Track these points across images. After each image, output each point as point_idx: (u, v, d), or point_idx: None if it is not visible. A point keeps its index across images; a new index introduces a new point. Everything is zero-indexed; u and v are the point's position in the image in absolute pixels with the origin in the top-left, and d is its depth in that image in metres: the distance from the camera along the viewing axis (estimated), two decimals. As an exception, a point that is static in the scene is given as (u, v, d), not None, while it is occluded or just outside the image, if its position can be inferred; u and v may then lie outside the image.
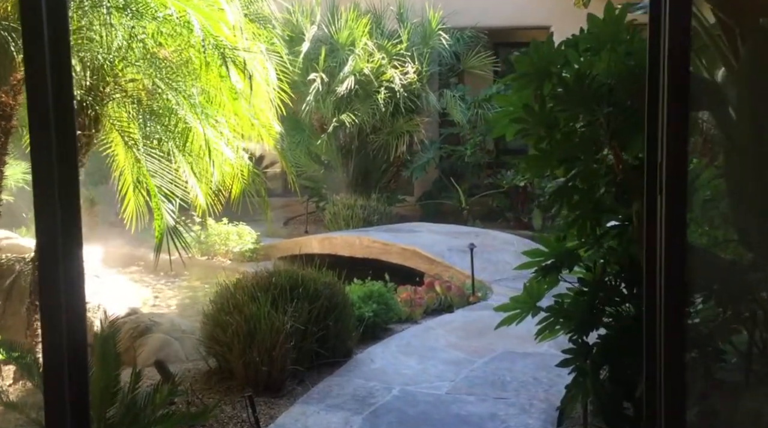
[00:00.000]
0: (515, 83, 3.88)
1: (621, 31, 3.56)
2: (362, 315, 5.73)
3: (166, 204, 4.71)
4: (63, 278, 2.35)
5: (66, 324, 2.38)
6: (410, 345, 5.56)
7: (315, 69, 10.88)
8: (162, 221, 4.77)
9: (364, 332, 5.64)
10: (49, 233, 2.28)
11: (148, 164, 4.62)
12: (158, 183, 4.68)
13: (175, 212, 4.90)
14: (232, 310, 4.85)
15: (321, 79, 10.78)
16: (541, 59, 3.71)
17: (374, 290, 6.03)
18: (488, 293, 7.01)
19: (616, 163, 3.74)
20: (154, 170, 4.69)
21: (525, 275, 7.64)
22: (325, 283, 5.23)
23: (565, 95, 3.63)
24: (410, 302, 6.41)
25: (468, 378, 4.84)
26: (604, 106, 3.70)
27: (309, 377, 4.85)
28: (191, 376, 5.00)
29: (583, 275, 3.94)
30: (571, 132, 3.89)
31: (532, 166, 3.99)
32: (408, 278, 8.00)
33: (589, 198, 3.86)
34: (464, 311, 6.43)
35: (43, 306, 2.42)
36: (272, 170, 12.90)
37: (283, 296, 4.94)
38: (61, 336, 2.36)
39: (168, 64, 4.55)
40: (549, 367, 5.03)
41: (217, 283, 5.29)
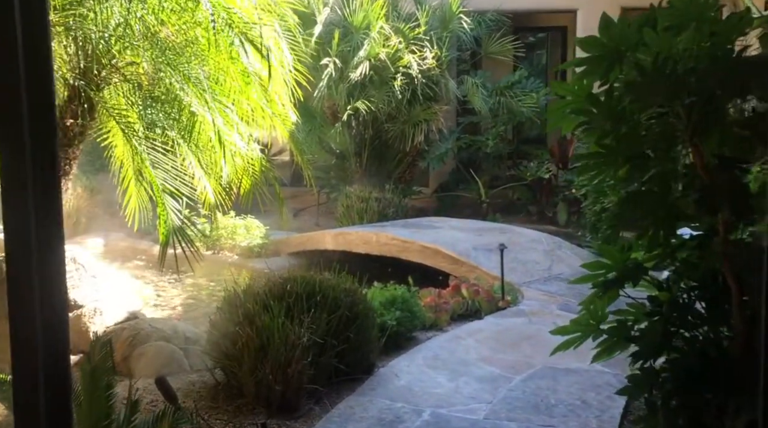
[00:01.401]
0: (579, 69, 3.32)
1: (710, 7, 3.00)
2: (384, 324, 5.21)
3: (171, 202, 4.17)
4: (37, 284, 1.79)
5: (42, 345, 1.83)
6: (438, 357, 5.02)
7: (328, 54, 10.30)
8: (167, 221, 4.25)
9: (387, 341, 5.11)
10: (20, 225, 1.72)
11: (149, 158, 4.08)
12: (162, 178, 4.15)
13: (182, 211, 4.38)
14: (241, 320, 4.33)
15: (334, 65, 10.20)
16: (612, 40, 3.14)
17: (397, 295, 5.50)
18: (518, 297, 6.47)
19: (698, 162, 3.17)
20: (157, 163, 4.15)
21: (557, 276, 7.12)
22: (345, 290, 4.70)
23: (642, 82, 3.07)
24: (435, 307, 5.88)
25: (507, 400, 4.31)
26: (685, 95, 3.14)
27: (328, 395, 4.34)
28: (196, 391, 4.49)
29: (656, 293, 3.40)
30: (636, 125, 3.35)
31: (592, 165, 3.43)
32: (429, 277, 7.47)
33: (663, 203, 3.32)
34: (494, 317, 5.89)
35: (13, 321, 1.86)
36: (280, 158, 12.36)
37: (298, 305, 4.42)
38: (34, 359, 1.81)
39: (171, 45, 4.00)
40: (597, 387, 4.51)
41: (224, 288, 4.76)
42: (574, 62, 3.34)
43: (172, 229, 4.27)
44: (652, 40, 3.17)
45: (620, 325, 3.62)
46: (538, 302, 6.29)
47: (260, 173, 5.14)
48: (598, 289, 3.64)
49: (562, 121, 3.44)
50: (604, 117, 3.29)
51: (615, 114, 3.29)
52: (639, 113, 3.39)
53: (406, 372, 4.72)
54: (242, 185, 5.22)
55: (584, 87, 3.35)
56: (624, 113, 3.26)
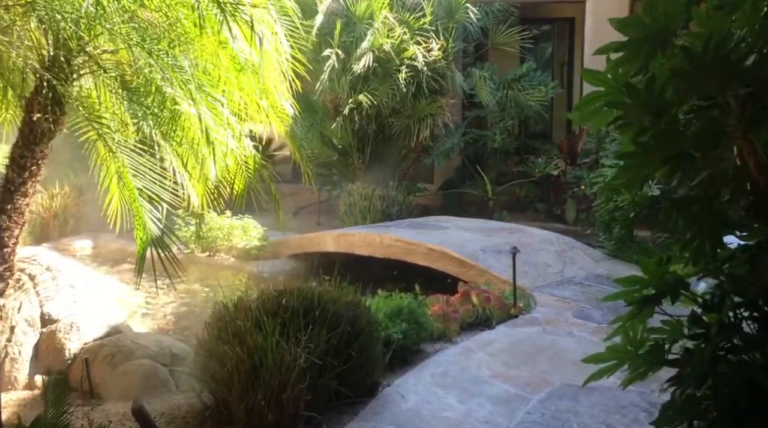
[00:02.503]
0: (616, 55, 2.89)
1: (771, -19, 2.57)
2: (389, 337, 4.80)
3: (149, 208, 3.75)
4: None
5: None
6: (448, 374, 4.60)
7: (329, 45, 9.85)
8: (144, 232, 3.83)
9: (392, 356, 4.71)
10: None
11: (125, 159, 3.66)
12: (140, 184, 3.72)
13: (162, 219, 3.95)
14: (231, 339, 3.92)
15: (336, 56, 9.75)
16: (657, 20, 2.70)
17: (403, 305, 5.09)
18: (531, 304, 6.05)
19: (751, 162, 2.74)
20: (134, 167, 3.73)
21: (570, 280, 6.68)
22: (347, 303, 4.28)
23: (691, 70, 2.64)
24: (443, 316, 5.46)
25: (525, 425, 3.89)
26: (738, 85, 2.70)
27: (327, 421, 3.92)
28: (181, 416, 4.08)
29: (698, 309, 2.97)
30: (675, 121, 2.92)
31: (628, 166, 3.01)
32: (435, 280, 7.07)
33: (710, 210, 2.89)
34: (506, 327, 5.46)
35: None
36: (282, 153, 11.93)
37: (295, 321, 4.00)
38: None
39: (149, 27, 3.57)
40: (622, 408, 4.10)
41: (214, 301, 4.35)
42: (612, 46, 2.90)
43: (151, 239, 3.86)
44: (702, 20, 2.72)
45: (655, 346, 3.20)
46: (551, 308, 5.88)
47: (255, 172, 4.71)
48: (634, 307, 3.21)
49: (593, 116, 3.02)
50: (643, 111, 2.86)
51: (656, 107, 2.85)
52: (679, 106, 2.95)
53: (413, 392, 4.30)
54: (235, 185, 4.79)
55: (620, 76, 2.91)
56: (666, 106, 2.83)
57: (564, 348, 4.97)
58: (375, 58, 9.69)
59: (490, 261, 6.71)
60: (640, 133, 2.91)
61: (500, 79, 10.61)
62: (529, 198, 10.71)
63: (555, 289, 6.34)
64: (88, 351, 4.66)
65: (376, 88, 9.82)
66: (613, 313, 5.87)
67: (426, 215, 9.83)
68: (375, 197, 9.37)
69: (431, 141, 10.69)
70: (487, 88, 10.11)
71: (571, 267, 6.88)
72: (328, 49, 9.78)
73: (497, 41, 10.86)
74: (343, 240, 7.74)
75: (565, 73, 13.33)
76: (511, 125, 10.55)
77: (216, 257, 8.65)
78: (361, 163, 10.62)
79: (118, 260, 8.60)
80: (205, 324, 4.33)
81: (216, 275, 8.19)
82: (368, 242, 7.47)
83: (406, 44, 9.82)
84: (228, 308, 4.27)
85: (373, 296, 7.01)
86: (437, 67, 10.01)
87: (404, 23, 9.93)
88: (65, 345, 4.76)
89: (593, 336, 5.18)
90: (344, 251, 7.73)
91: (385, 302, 5.16)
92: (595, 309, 5.78)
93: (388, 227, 8.03)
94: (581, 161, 9.79)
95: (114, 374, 4.40)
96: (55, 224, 9.66)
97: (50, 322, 4.95)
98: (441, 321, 5.41)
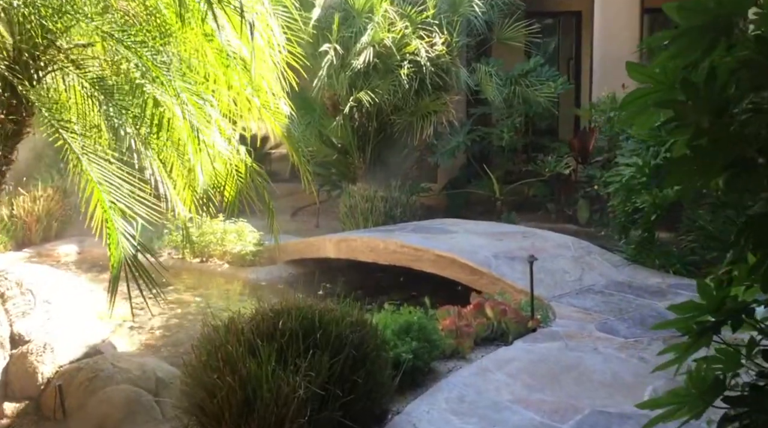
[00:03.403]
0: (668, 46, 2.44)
1: None
2: (398, 357, 4.35)
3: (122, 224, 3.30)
4: None
5: None
6: (464, 399, 4.15)
7: (327, 39, 9.38)
8: (118, 249, 3.38)
9: (401, 378, 4.26)
10: None
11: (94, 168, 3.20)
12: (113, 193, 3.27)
13: (136, 236, 3.50)
14: (221, 366, 3.47)
15: (334, 52, 9.28)
16: (721, 5, 2.24)
17: (413, 322, 4.63)
18: (549, 316, 5.60)
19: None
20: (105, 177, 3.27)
21: (590, 288, 6.21)
22: (352, 324, 3.83)
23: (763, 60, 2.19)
24: (456, 331, 5.01)
25: (556, 462, 3.45)
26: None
27: (331, 459, 3.47)
28: (167, 451, 3.64)
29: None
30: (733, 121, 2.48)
31: (682, 173, 2.56)
32: (444, 287, 6.63)
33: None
34: (525, 343, 5.01)
35: None
36: (279, 151, 11.48)
37: (293, 346, 3.56)
38: None
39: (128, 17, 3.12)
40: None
41: (203, 320, 3.89)
42: (666, 35, 2.44)
43: (124, 259, 3.40)
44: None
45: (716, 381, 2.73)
46: (573, 321, 5.43)
47: (247, 178, 4.26)
48: (691, 337, 2.74)
49: (638, 116, 2.56)
50: (701, 110, 2.40)
51: (716, 106, 2.39)
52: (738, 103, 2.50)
53: (427, 422, 3.86)
54: (225, 191, 4.34)
55: (671, 71, 2.45)
56: (727, 104, 2.38)
57: (590, 367, 4.52)
58: (375, 54, 9.23)
59: (503, 268, 6.26)
60: (696, 135, 2.45)
61: (506, 74, 10.15)
62: (538, 198, 10.26)
63: (574, 299, 5.89)
64: (63, 375, 4.20)
65: (376, 84, 9.36)
66: (638, 326, 5.43)
67: (430, 216, 9.38)
68: (377, 199, 8.91)
69: (435, 139, 10.23)
70: (493, 84, 9.65)
71: (590, 274, 6.44)
72: (326, 44, 9.32)
73: (503, 36, 10.39)
74: (344, 246, 7.28)
75: (571, 68, 12.90)
76: (519, 122, 10.09)
77: (209, 263, 8.19)
78: (362, 162, 10.17)
79: (104, 267, 8.08)
80: (192, 348, 3.88)
81: (209, 283, 7.74)
82: (371, 248, 7.02)
83: (408, 39, 9.36)
84: (218, 330, 3.82)
85: (378, 309, 6.54)
86: (441, 63, 9.56)
87: (406, 17, 9.47)
88: (38, 368, 4.30)
89: (620, 352, 4.74)
90: (345, 257, 7.28)
91: (393, 319, 4.70)
92: (619, 322, 5.34)
93: (391, 231, 7.57)
94: (594, 159, 9.34)
95: (91, 401, 3.94)
96: (38, 228, 9.20)
97: (21, 343, 4.48)
98: (453, 337, 4.96)
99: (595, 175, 8.97)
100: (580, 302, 5.80)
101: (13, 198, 9.44)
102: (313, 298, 7.18)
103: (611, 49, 9.74)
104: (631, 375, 4.35)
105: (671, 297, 5.89)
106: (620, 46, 9.66)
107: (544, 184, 10.07)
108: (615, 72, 9.66)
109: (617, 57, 9.68)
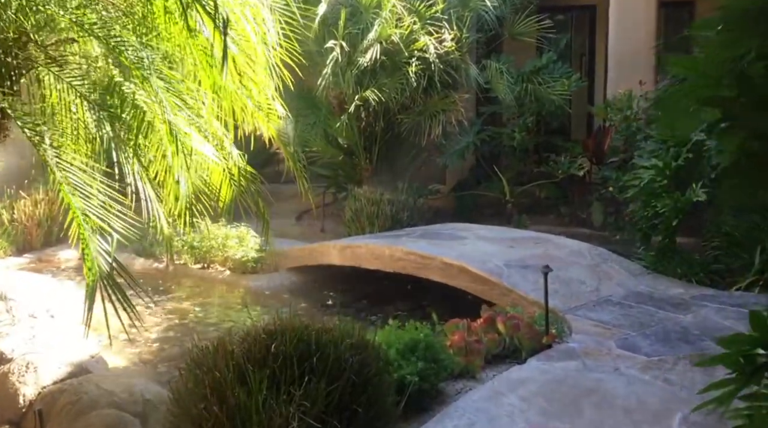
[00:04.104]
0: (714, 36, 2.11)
1: None
2: (403, 379, 4.03)
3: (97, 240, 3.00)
4: None
5: None
6: (474, 427, 3.82)
7: (333, 36, 9.06)
8: (94, 266, 3.08)
9: (406, 401, 3.94)
10: None
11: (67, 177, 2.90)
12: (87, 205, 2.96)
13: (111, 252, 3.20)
14: (209, 394, 3.16)
15: (340, 48, 8.96)
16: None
17: (419, 340, 4.31)
18: (565, 330, 5.26)
19: None
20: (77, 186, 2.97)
21: (607, 299, 5.84)
22: (352, 346, 3.51)
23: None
24: (465, 347, 4.68)
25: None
26: None
27: (327, 498, 3.16)
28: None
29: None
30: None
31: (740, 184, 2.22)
32: (453, 296, 6.31)
33: None
34: (540, 362, 4.66)
35: None
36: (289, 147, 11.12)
37: (287, 371, 3.26)
38: None
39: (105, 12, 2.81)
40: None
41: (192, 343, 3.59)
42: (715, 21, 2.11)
43: (99, 276, 3.10)
44: None
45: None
46: (590, 336, 5.08)
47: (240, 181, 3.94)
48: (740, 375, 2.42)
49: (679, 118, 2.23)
50: (759, 109, 2.07)
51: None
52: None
53: (434, 454, 3.53)
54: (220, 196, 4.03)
55: (720, 65, 2.12)
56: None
57: (612, 390, 4.18)
58: (383, 51, 8.90)
59: (515, 278, 5.92)
60: (751, 138, 2.12)
61: (518, 72, 9.78)
62: (550, 200, 9.90)
63: (591, 311, 5.54)
64: (45, 398, 3.90)
65: (384, 82, 9.03)
66: (661, 342, 5.08)
67: (438, 219, 9.05)
68: (383, 202, 8.58)
69: (443, 139, 9.88)
70: (504, 82, 9.30)
71: (607, 284, 6.09)
72: (332, 41, 9.00)
73: (515, 31, 10.03)
74: (349, 252, 6.97)
75: (584, 64, 12.52)
76: (531, 121, 9.73)
77: (210, 270, 7.89)
78: (368, 163, 9.84)
79: (103, 273, 7.84)
80: (180, 373, 3.57)
81: (210, 290, 7.45)
82: (376, 255, 6.70)
83: (416, 35, 9.02)
84: (207, 353, 3.52)
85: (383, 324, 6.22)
86: (450, 60, 9.21)
87: (414, 12, 9.13)
88: (19, 389, 4.00)
89: (644, 373, 4.39)
90: (350, 264, 6.97)
91: (397, 336, 4.38)
92: (641, 337, 4.99)
93: (398, 236, 7.24)
94: (608, 161, 8.97)
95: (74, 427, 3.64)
96: (38, 233, 8.95)
97: (3, 362, 4.19)
98: (462, 354, 4.64)
99: (611, 176, 8.62)
100: (597, 316, 5.45)
101: (14, 202, 9.19)
102: (316, 308, 6.95)
103: (627, 45, 9.37)
104: (658, 400, 4.01)
105: (695, 310, 5.54)
106: (637, 42, 9.29)
107: (556, 186, 9.71)
108: (631, 68, 9.31)
109: (633, 53, 9.32)
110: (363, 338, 3.71)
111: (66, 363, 4.33)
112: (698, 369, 4.42)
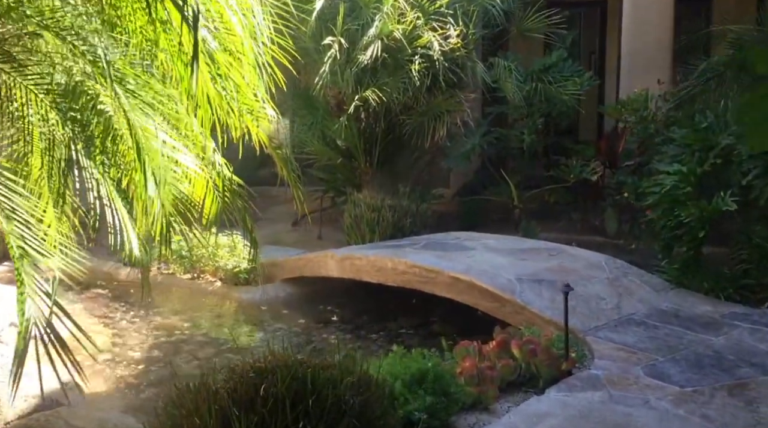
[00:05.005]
0: None
1: None
2: (410, 416, 3.58)
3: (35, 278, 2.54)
4: None
5: None
6: (491, 474, 3.37)
7: (331, 32, 8.57)
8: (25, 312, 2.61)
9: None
10: None
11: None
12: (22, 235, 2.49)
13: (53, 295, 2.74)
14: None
15: (339, 45, 8.48)
16: None
17: (426, 370, 3.85)
18: (586, 354, 4.81)
19: None
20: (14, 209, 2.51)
21: (629, 318, 5.36)
22: (353, 385, 3.05)
23: None
24: (477, 375, 4.22)
25: None
26: None
27: None
28: None
29: None
30: None
31: None
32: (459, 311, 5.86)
33: None
34: (560, 392, 4.20)
35: None
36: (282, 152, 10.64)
37: (279, 416, 2.80)
38: None
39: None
40: None
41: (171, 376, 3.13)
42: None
43: (33, 322, 2.63)
44: None
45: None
46: (614, 362, 4.62)
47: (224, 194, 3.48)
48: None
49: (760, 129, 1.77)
50: None
51: None
52: None
53: None
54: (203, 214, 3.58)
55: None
56: None
57: (644, 425, 3.72)
58: (384, 48, 8.40)
59: (528, 295, 5.46)
60: None
61: (526, 70, 9.30)
62: (560, 206, 9.41)
63: (613, 332, 5.08)
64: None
65: (385, 81, 8.54)
66: (694, 369, 4.59)
67: (442, 225, 8.57)
68: (384, 208, 8.10)
69: (448, 141, 9.39)
70: (512, 81, 8.81)
71: (628, 300, 5.62)
72: (330, 38, 8.52)
73: (524, 27, 9.55)
74: (348, 264, 6.50)
75: (594, 63, 12.07)
76: (540, 122, 9.24)
77: (200, 281, 7.43)
78: (368, 167, 9.36)
79: (88, 284, 7.35)
80: (156, 414, 3.11)
81: (200, 304, 6.98)
82: (378, 268, 6.23)
83: (419, 31, 8.53)
84: (188, 392, 3.06)
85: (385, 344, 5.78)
86: (455, 57, 8.72)
87: (417, 7, 8.64)
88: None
89: (678, 407, 3.93)
90: (350, 276, 6.51)
91: (403, 366, 3.92)
92: (670, 363, 4.53)
93: (401, 246, 6.77)
94: (623, 164, 8.51)
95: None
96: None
97: (-35, 394, 3.74)
98: (474, 383, 4.18)
99: (626, 181, 8.15)
100: (620, 338, 4.99)
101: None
102: (313, 324, 6.49)
103: (642, 42, 8.91)
104: (697, 443, 3.56)
105: (726, 331, 5.08)
106: (652, 39, 8.83)
107: (566, 190, 9.22)
108: (646, 66, 8.84)
109: (649, 50, 8.86)
110: (365, 373, 3.26)
111: (33, 395, 3.86)
112: (739, 402, 3.97)
